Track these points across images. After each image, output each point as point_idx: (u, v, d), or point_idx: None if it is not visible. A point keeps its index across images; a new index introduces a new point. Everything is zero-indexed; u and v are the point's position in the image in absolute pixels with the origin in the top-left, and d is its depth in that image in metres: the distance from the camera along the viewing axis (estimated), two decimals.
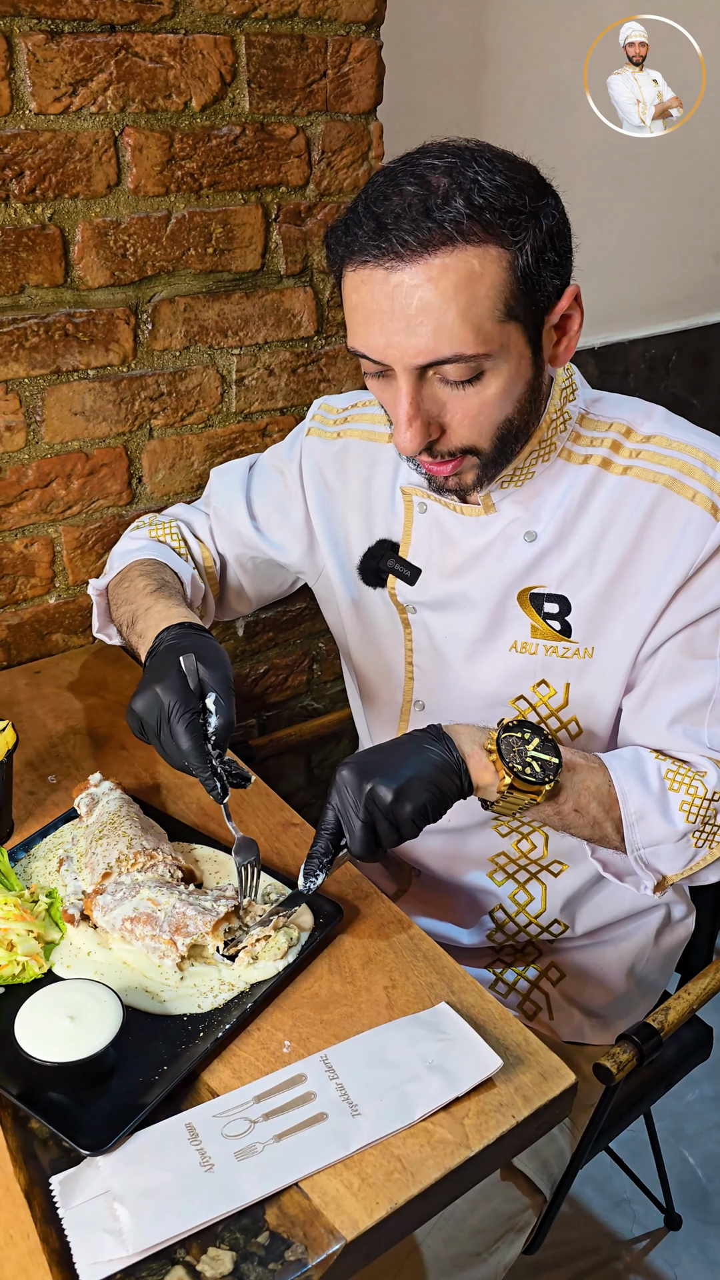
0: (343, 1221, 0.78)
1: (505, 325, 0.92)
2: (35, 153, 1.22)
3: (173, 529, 1.29)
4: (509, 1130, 0.85)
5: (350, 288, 0.94)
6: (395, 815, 0.93)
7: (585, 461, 1.06)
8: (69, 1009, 0.87)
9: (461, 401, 0.95)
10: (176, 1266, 0.75)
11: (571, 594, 1.08)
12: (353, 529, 1.21)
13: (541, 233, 0.91)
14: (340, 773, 0.96)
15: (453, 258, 0.88)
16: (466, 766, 0.97)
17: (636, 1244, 1.75)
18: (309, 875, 0.97)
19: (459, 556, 1.12)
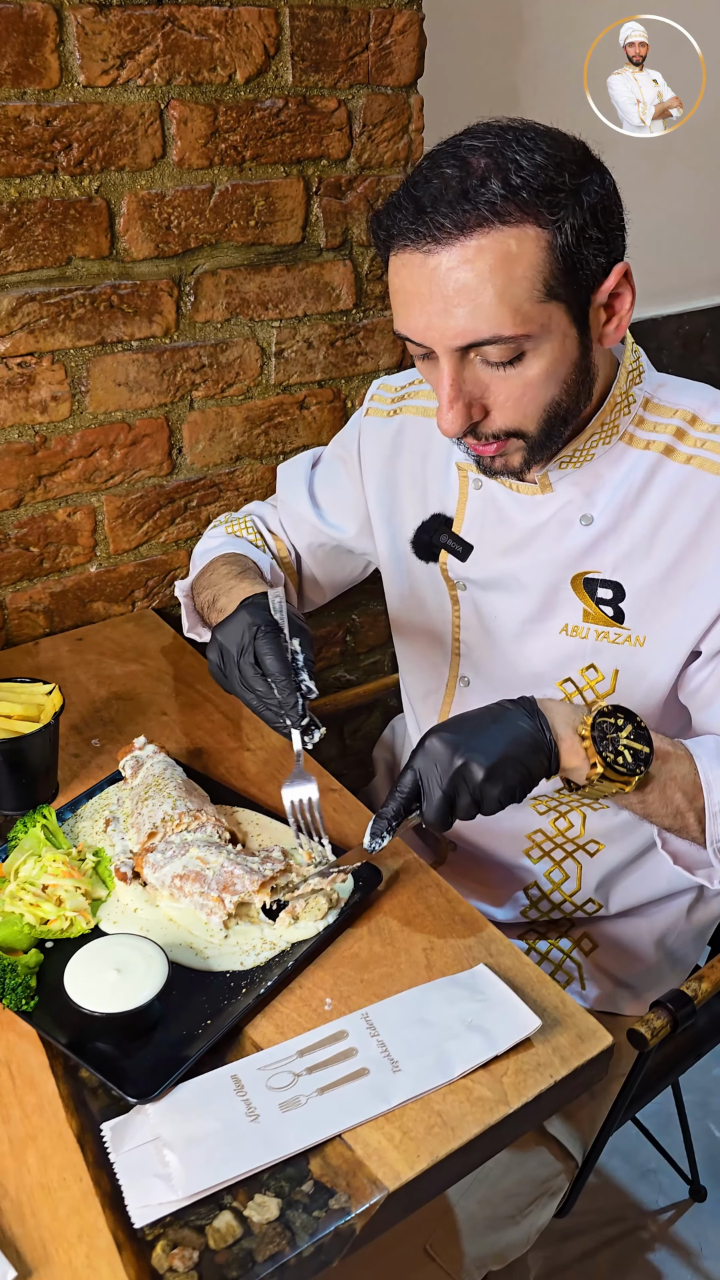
0: (385, 1172, 0.80)
1: (546, 305, 0.91)
2: (83, 125, 1.23)
3: (248, 524, 1.31)
4: (547, 1089, 0.86)
5: (392, 271, 0.95)
6: (482, 793, 0.91)
7: (647, 447, 1.05)
8: (116, 962, 0.89)
9: (504, 383, 0.95)
10: (224, 1211, 0.77)
11: (626, 580, 1.07)
12: (407, 504, 1.21)
13: (583, 210, 0.90)
14: (430, 740, 0.93)
15: (489, 239, 0.88)
16: (558, 749, 0.95)
17: (662, 1214, 1.77)
18: (376, 835, 0.96)
19: (513, 535, 1.12)
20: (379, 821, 0.96)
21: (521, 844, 1.25)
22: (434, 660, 1.25)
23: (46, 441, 1.37)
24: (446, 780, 0.91)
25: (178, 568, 1.57)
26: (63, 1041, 0.88)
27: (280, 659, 0.96)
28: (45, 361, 1.32)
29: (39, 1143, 0.81)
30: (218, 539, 1.31)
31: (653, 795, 1.00)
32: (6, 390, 1.30)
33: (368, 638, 1.86)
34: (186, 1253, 0.74)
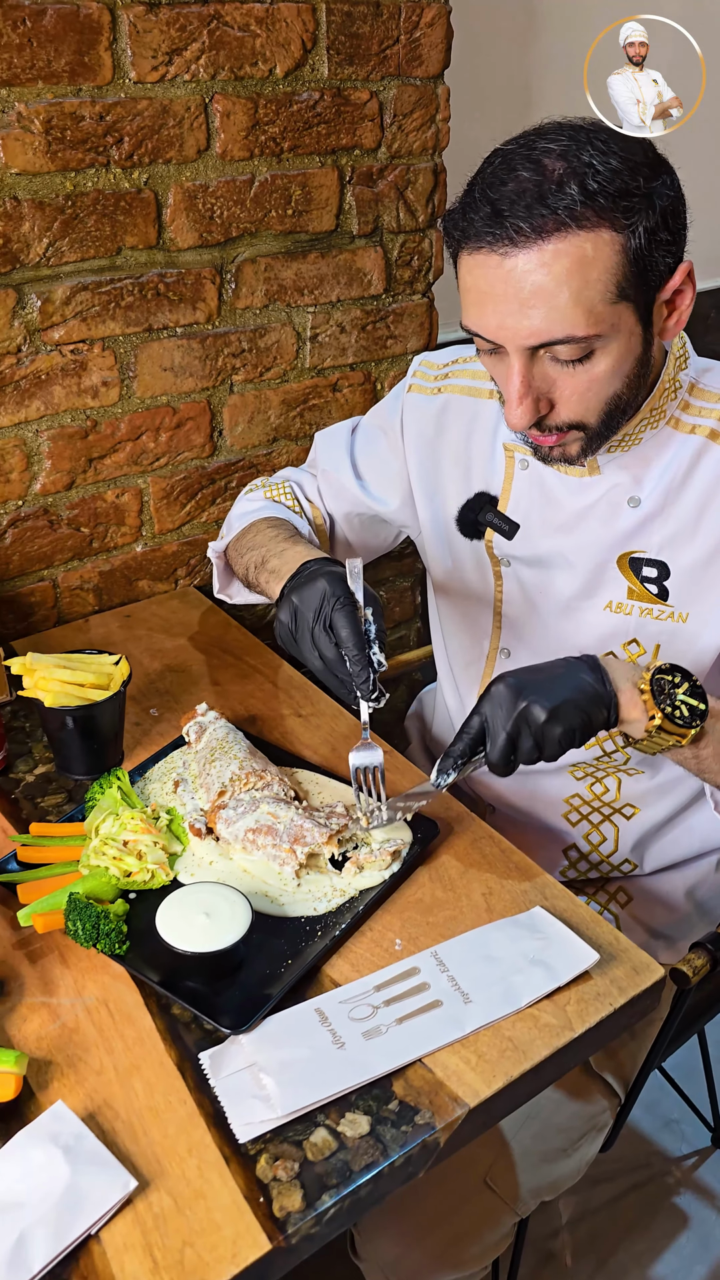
0: (464, 1091, 0.86)
1: (616, 306, 0.94)
2: (133, 120, 1.28)
3: (286, 489, 1.33)
4: (607, 1016, 0.93)
5: (465, 270, 0.97)
6: (544, 734, 0.96)
7: (693, 431, 1.09)
8: (204, 907, 0.96)
9: (571, 379, 0.98)
10: (319, 1128, 0.84)
11: (671, 560, 1.12)
12: (449, 481, 1.25)
13: (655, 214, 0.93)
14: (496, 685, 0.98)
15: (566, 243, 0.90)
16: (618, 701, 0.99)
17: (685, 1160, 1.85)
18: (442, 771, 1.01)
19: (561, 515, 1.16)
20: (446, 759, 1.01)
21: (559, 808, 1.31)
22: (476, 632, 1.30)
23: (97, 425, 1.42)
24: (511, 722, 0.96)
25: None
26: (155, 980, 0.94)
27: (355, 631, 0.98)
28: (96, 348, 1.37)
29: (142, 1071, 0.88)
30: (256, 502, 1.33)
31: (707, 750, 1.04)
32: (61, 376, 1.36)
33: (393, 613, 1.93)
34: (288, 1164, 0.81)
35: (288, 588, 1.04)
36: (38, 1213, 0.76)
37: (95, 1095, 0.86)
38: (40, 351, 1.33)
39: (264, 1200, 0.78)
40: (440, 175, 1.59)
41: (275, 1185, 0.79)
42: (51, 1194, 0.77)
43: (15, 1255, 0.73)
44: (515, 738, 0.97)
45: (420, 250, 1.62)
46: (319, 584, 1.00)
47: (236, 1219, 0.77)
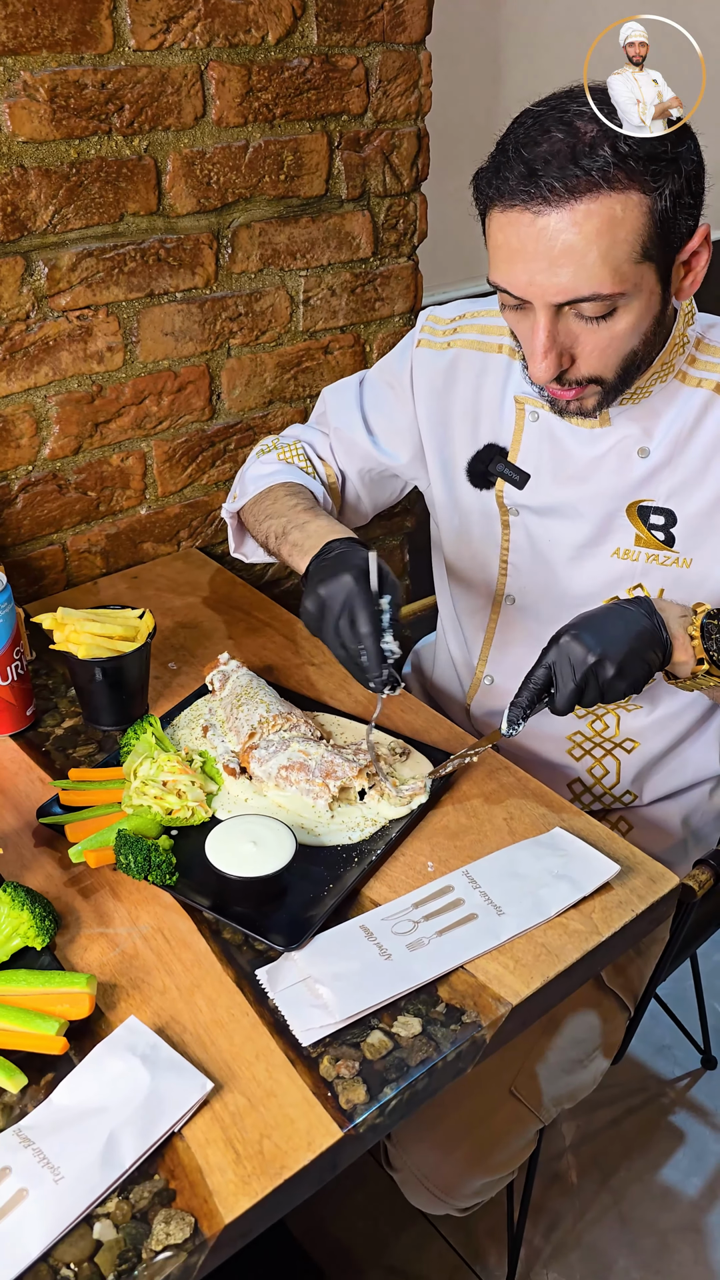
0: (506, 992, 0.93)
1: (640, 266, 0.98)
2: (134, 88, 1.31)
3: (298, 450, 1.36)
4: (630, 921, 1.00)
5: (496, 227, 1.00)
6: (610, 687, 1.02)
7: (699, 384, 1.14)
8: (251, 836, 1.01)
9: (593, 335, 1.02)
10: (374, 1031, 0.90)
11: (678, 508, 1.17)
12: (458, 433, 1.29)
13: (680, 177, 0.96)
14: (565, 639, 1.03)
15: (597, 203, 0.94)
16: (673, 646, 1.04)
17: (678, 1083, 1.94)
18: (512, 722, 1.06)
19: (572, 466, 1.21)
20: (514, 709, 1.06)
21: (563, 745, 1.38)
22: (482, 581, 1.36)
23: (102, 390, 1.45)
24: (579, 674, 1.02)
25: (217, 508, 1.67)
26: (206, 906, 1.00)
27: (372, 626, 1.02)
28: (101, 314, 1.40)
29: (203, 989, 0.93)
30: (270, 465, 1.36)
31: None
32: (67, 342, 1.39)
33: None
34: (349, 1064, 0.87)
35: (313, 570, 1.08)
36: (123, 1115, 0.81)
37: (162, 1012, 0.91)
38: (48, 318, 1.36)
39: (331, 1095, 0.84)
40: (423, 140, 1.63)
41: (339, 1082, 0.86)
42: (134, 1098, 0.82)
43: (107, 1153, 0.79)
44: (582, 688, 1.02)
45: (405, 214, 1.66)
46: (344, 579, 1.03)
47: (308, 1112, 0.83)
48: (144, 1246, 0.75)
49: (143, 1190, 0.78)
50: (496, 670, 1.39)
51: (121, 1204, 0.77)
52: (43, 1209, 0.75)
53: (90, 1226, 0.76)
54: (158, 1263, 0.74)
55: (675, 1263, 1.65)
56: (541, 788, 1.16)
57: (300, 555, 1.15)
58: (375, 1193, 1.70)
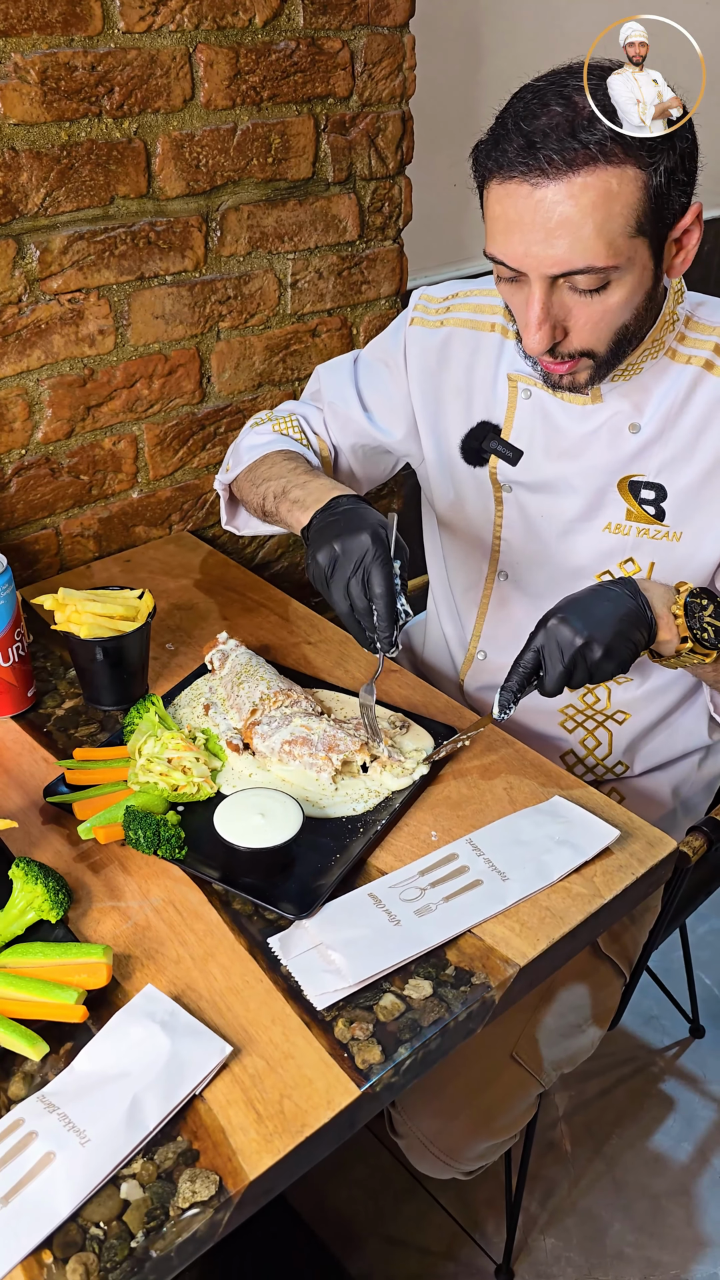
0: (513, 953, 0.95)
1: (634, 240, 1.00)
2: (123, 70, 1.32)
3: (292, 422, 1.37)
4: (630, 884, 1.03)
5: (494, 199, 1.02)
6: (598, 669, 1.04)
7: (689, 362, 1.16)
8: (259, 809, 1.03)
9: (586, 308, 1.04)
10: (386, 994, 0.92)
11: (669, 483, 1.19)
12: (452, 411, 1.31)
13: (674, 154, 0.99)
14: (552, 623, 1.04)
15: (594, 176, 0.96)
16: (657, 625, 1.07)
17: (667, 1051, 1.98)
18: (504, 706, 1.08)
19: (564, 441, 1.23)
20: (505, 694, 1.08)
21: (555, 718, 1.40)
22: (475, 557, 1.38)
23: (94, 374, 1.46)
24: (568, 657, 1.04)
25: (208, 491, 1.68)
26: (216, 878, 1.01)
27: (388, 588, 1.03)
28: (93, 297, 1.41)
29: (217, 957, 0.95)
30: (265, 435, 1.36)
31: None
32: (59, 325, 1.39)
33: None
34: (363, 1025, 0.89)
35: (320, 524, 1.08)
36: (145, 1079, 0.83)
37: (177, 981, 0.93)
38: (40, 301, 1.36)
39: (347, 1056, 0.86)
40: (408, 123, 1.64)
41: (355, 1044, 0.87)
42: (156, 1063, 0.84)
43: (131, 1116, 0.80)
44: (571, 670, 1.05)
45: (391, 197, 1.68)
46: (363, 537, 1.03)
47: (325, 1073, 0.85)
48: (171, 1204, 0.77)
49: (167, 1151, 0.80)
50: (490, 645, 1.41)
51: (147, 1165, 0.79)
52: (70, 1171, 0.77)
53: (117, 1187, 0.78)
54: (185, 1219, 0.76)
55: (668, 1225, 1.69)
56: (539, 759, 1.19)
57: (301, 510, 1.15)
58: (375, 1166, 1.72)
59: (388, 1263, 1.62)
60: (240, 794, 1.05)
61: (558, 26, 2.07)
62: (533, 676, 1.08)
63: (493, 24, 1.98)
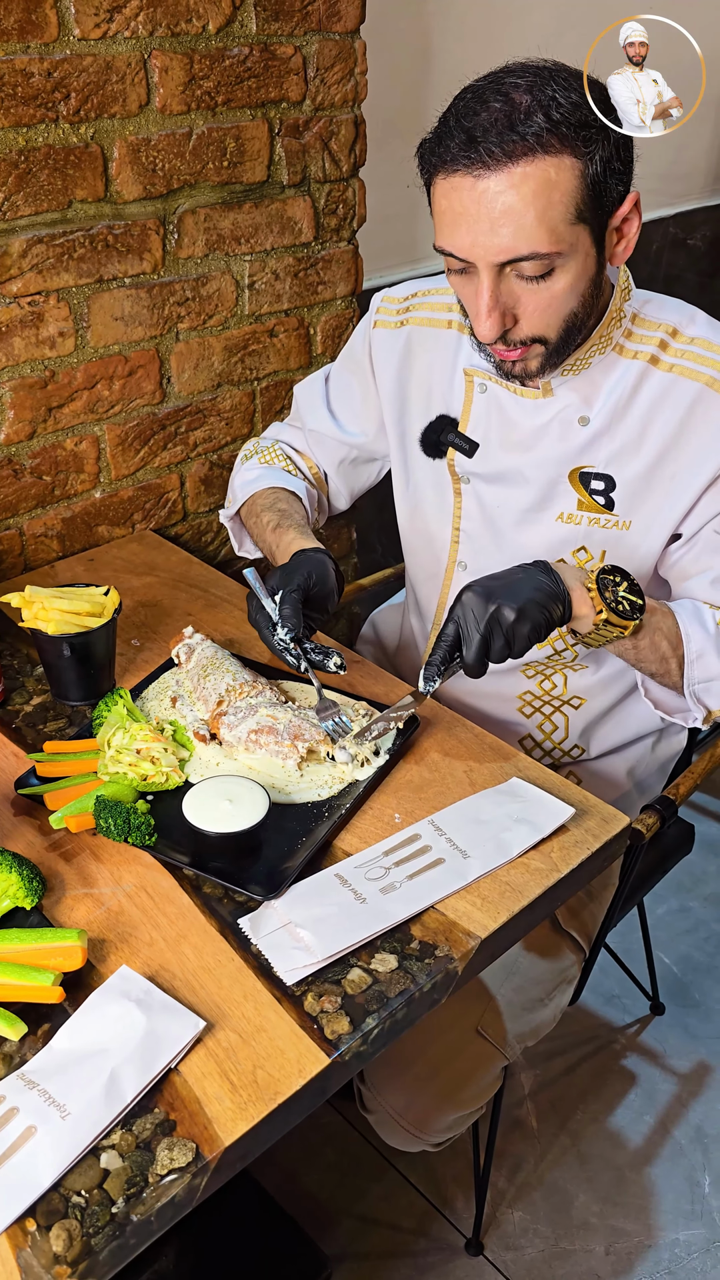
0: (474, 926, 0.99)
1: (575, 227, 1.05)
2: (79, 76, 1.34)
3: (277, 451, 1.47)
4: (586, 859, 1.07)
5: (440, 194, 1.06)
6: (514, 633, 1.07)
7: (635, 356, 1.21)
8: (226, 795, 1.06)
9: (534, 295, 1.08)
10: (354, 968, 0.96)
11: (617, 473, 1.24)
12: (413, 406, 1.36)
13: (610, 144, 1.03)
14: (466, 594, 1.09)
15: (533, 166, 1.00)
16: (570, 598, 1.11)
17: (628, 1029, 2.04)
18: (428, 679, 1.13)
19: (517, 434, 1.27)
20: (429, 668, 1.13)
21: (514, 704, 1.45)
22: (435, 548, 1.42)
23: (55, 375, 1.48)
24: (483, 624, 1.08)
25: (170, 490, 1.70)
26: (186, 863, 1.04)
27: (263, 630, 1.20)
28: (52, 299, 1.43)
29: (189, 939, 0.98)
30: (254, 470, 1.47)
31: (644, 641, 1.19)
32: (19, 328, 1.41)
33: (331, 550, 2.03)
34: (331, 999, 0.93)
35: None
36: (122, 1054, 0.86)
37: (151, 962, 0.96)
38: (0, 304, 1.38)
39: (317, 1027, 0.90)
40: (360, 126, 1.68)
41: (324, 1016, 0.91)
42: (132, 1039, 0.87)
43: (110, 1089, 0.83)
44: (488, 638, 1.09)
45: (345, 199, 1.71)
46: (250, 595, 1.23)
47: (296, 1044, 0.88)
48: (149, 1172, 0.80)
49: (145, 1122, 0.83)
50: None
51: (126, 1135, 0.82)
52: (52, 1143, 0.80)
53: (97, 1157, 0.81)
54: (164, 1185, 0.79)
55: (630, 1195, 1.74)
56: (498, 742, 1.23)
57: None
58: (345, 1147, 1.76)
59: (360, 1241, 1.66)
60: (208, 781, 1.08)
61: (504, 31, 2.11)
62: (455, 650, 1.12)
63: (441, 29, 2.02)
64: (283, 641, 1.18)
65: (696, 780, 1.39)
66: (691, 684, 1.24)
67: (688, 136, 2.82)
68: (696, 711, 1.26)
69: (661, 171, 2.81)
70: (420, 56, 2.04)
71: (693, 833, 1.72)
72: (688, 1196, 1.74)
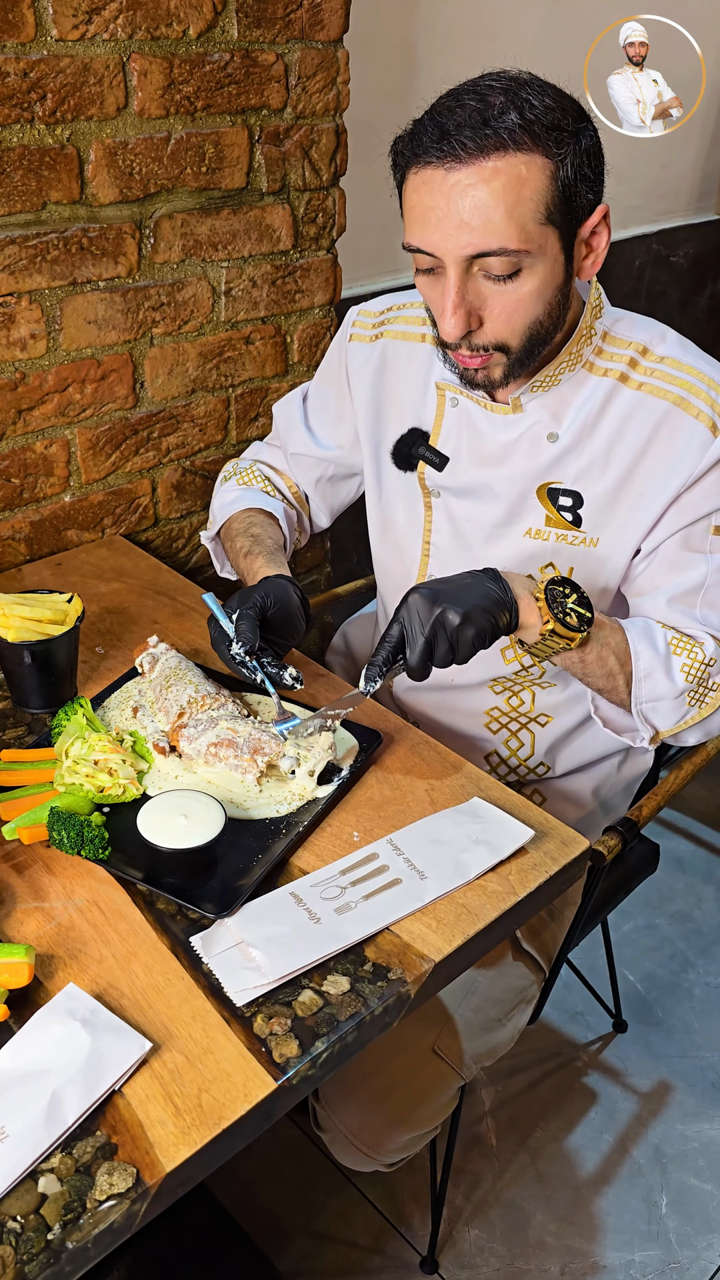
0: (429, 949, 0.98)
1: (544, 228, 1.05)
2: (56, 77, 1.33)
3: (255, 473, 1.47)
4: (544, 882, 1.06)
5: (411, 188, 1.07)
6: (458, 637, 1.07)
7: (605, 374, 1.21)
8: (182, 810, 1.05)
9: (500, 296, 1.08)
10: (305, 990, 0.94)
11: (585, 490, 1.24)
12: (387, 419, 1.36)
13: (580, 150, 1.04)
14: (411, 596, 1.09)
15: (504, 162, 1.01)
16: (518, 607, 1.11)
17: (590, 1046, 2.03)
18: (369, 679, 1.12)
19: (487, 449, 1.27)
20: (371, 668, 1.12)
21: (481, 719, 1.44)
22: (406, 561, 1.41)
23: (25, 378, 1.46)
24: (428, 627, 1.07)
25: (141, 495, 1.69)
26: (140, 878, 1.03)
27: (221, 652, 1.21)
28: (24, 301, 1.41)
29: (139, 956, 0.97)
30: (232, 492, 1.48)
31: (591, 654, 1.18)
32: None
33: (305, 559, 2.02)
34: (281, 1021, 0.92)
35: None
36: (65, 1075, 0.84)
37: (99, 980, 0.94)
38: None
39: (265, 1050, 0.89)
40: (341, 135, 1.67)
41: (273, 1039, 0.90)
42: (76, 1059, 0.85)
43: (51, 1111, 0.82)
44: (432, 641, 1.08)
45: (325, 208, 1.70)
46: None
47: (243, 1067, 0.87)
48: (88, 1197, 0.78)
49: (85, 1145, 0.81)
50: None
51: (65, 1159, 0.81)
52: None
53: (35, 1181, 0.79)
54: (102, 1211, 0.78)
55: (587, 1214, 1.73)
56: (460, 760, 1.22)
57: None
58: (302, 1163, 1.75)
59: (315, 1257, 1.64)
60: (164, 796, 1.07)
61: (490, 43, 2.11)
62: (398, 651, 1.11)
63: (427, 41, 2.02)
64: (238, 655, 1.18)
65: (660, 802, 1.39)
66: (639, 702, 1.24)
67: (671, 154, 2.83)
68: (644, 731, 1.25)
69: (645, 189, 2.82)
70: (405, 67, 2.03)
71: (658, 852, 1.72)
72: (644, 1217, 1.73)
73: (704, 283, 3.21)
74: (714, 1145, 1.85)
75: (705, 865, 2.46)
